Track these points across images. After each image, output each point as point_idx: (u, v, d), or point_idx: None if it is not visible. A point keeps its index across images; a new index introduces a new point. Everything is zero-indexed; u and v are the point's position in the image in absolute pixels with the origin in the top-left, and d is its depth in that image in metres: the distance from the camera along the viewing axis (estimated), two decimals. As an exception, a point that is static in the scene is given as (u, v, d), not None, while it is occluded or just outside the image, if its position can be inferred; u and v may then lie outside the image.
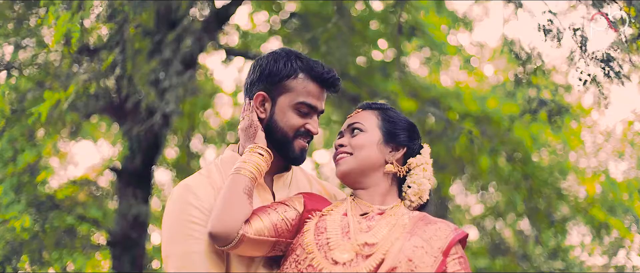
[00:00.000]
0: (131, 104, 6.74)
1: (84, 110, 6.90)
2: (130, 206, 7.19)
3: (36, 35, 6.68)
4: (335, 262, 2.69)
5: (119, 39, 5.47)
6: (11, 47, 6.68)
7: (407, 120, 3.06)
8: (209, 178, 2.93)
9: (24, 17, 6.61)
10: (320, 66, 2.96)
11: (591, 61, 4.52)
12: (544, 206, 8.17)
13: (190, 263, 2.76)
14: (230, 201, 2.72)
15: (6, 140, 6.11)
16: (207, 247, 2.77)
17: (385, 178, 2.95)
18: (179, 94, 6.06)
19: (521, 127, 8.05)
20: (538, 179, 8.03)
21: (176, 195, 2.89)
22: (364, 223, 2.81)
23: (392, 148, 2.96)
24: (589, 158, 10.40)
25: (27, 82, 6.76)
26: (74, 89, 5.28)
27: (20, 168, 6.17)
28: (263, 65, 2.97)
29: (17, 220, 5.70)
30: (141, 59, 5.73)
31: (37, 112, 5.37)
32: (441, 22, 9.38)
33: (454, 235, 2.78)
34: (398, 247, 2.70)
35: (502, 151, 8.08)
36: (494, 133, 7.84)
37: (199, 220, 2.79)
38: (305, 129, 2.95)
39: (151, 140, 7.42)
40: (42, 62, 6.86)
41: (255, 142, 2.90)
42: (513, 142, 8.17)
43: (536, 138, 8.31)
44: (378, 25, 9.30)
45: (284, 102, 2.93)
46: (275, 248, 2.80)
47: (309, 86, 2.93)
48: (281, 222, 2.79)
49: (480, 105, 8.38)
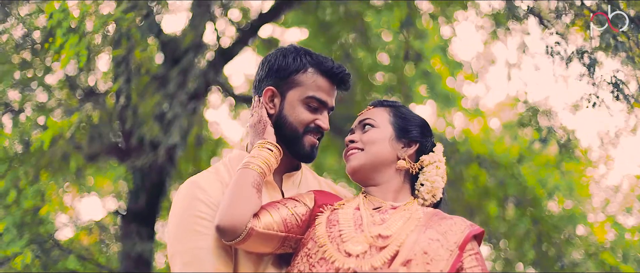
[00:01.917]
0: (136, 141, 6.69)
1: (87, 149, 6.84)
2: (134, 244, 7.08)
3: (42, 84, 6.72)
4: (349, 254, 2.60)
5: (124, 68, 5.46)
6: (17, 93, 6.70)
7: (419, 117, 3.00)
8: (217, 175, 2.86)
9: (31, 63, 6.63)
10: (330, 61, 2.91)
11: (600, 83, 4.49)
12: (553, 252, 8.03)
13: (196, 260, 2.67)
14: (238, 194, 2.64)
15: (9, 178, 6.04)
16: (215, 242, 2.68)
17: (397, 174, 2.87)
18: (183, 125, 6.02)
19: (529, 171, 8.00)
20: (548, 224, 7.91)
21: (183, 191, 2.81)
22: (378, 217, 2.73)
23: (404, 144, 2.89)
24: (596, 213, 10.31)
25: (31, 123, 6.74)
26: (77, 117, 5.24)
27: (24, 209, 6.11)
28: (272, 60, 2.93)
29: (20, 256, 5.60)
30: (145, 79, 5.69)
31: (39, 141, 5.31)
32: (447, 72, 9.44)
33: (470, 230, 2.70)
34: (413, 239, 2.62)
35: (510, 196, 7.99)
36: (503, 177, 7.77)
37: (206, 215, 2.71)
38: (315, 125, 2.89)
39: (155, 178, 7.35)
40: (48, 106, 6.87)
41: (264, 137, 2.83)
42: (522, 187, 8.09)
43: (544, 183, 8.23)
44: (384, 77, 9.34)
45: (293, 97, 2.88)
46: (285, 245, 2.71)
47: (318, 80, 2.88)
48: (291, 217, 2.71)
49: (488, 149, 8.33)
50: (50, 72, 6.73)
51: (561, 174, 8.66)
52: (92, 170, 8.40)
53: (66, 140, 6.01)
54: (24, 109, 6.76)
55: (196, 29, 6.97)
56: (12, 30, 6.40)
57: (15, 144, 6.49)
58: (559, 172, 8.59)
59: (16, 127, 6.57)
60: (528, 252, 8.29)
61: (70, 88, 6.99)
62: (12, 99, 6.78)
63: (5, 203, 6.10)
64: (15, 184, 6.15)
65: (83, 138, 6.60)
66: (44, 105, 6.82)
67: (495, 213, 8.14)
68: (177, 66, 6.44)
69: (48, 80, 6.87)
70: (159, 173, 7.30)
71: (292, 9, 8.10)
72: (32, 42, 6.52)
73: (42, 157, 6.24)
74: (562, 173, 8.64)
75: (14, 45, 6.48)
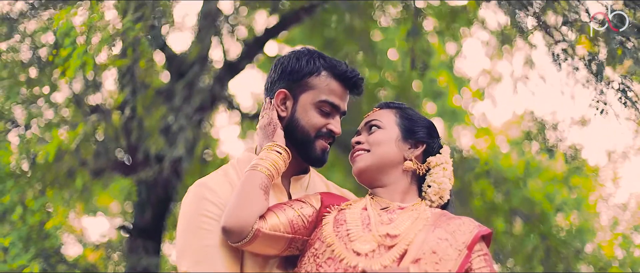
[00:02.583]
0: (141, 155, 6.67)
1: (92, 165, 6.83)
2: (140, 259, 7.05)
3: (49, 102, 6.72)
4: (357, 253, 2.56)
5: (129, 78, 5.46)
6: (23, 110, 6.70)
7: (426, 118, 2.98)
8: (226, 177, 2.83)
9: (38, 81, 6.64)
10: (344, 65, 2.88)
11: (607, 90, 4.47)
12: (562, 267, 7.98)
13: (205, 258, 2.63)
14: (245, 195, 2.62)
15: (15, 193, 6.03)
16: (224, 241, 2.65)
17: (404, 175, 2.84)
18: (188, 137, 6.01)
19: (536, 186, 7.99)
20: (556, 239, 7.87)
21: (191, 193, 2.79)
22: (385, 216, 2.70)
23: (411, 145, 2.86)
24: (605, 232, 10.26)
25: (37, 139, 6.74)
26: (82, 128, 5.23)
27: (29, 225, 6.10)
28: (285, 63, 2.90)
29: (26, 268, 5.58)
30: (150, 92, 5.69)
31: (45, 151, 5.30)
32: (455, 88, 9.45)
33: (478, 230, 2.67)
34: (422, 239, 2.59)
35: (518, 209, 7.95)
36: (510, 190, 7.74)
37: (214, 215, 2.68)
38: (327, 129, 2.85)
39: (161, 193, 7.33)
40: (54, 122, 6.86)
41: (273, 140, 2.80)
42: (529, 202, 8.06)
43: (552, 198, 8.20)
44: (391, 93, 9.34)
45: (306, 100, 2.84)
46: (291, 246, 2.68)
47: (331, 84, 2.85)
48: (297, 218, 2.68)
49: (495, 163, 8.30)
50: (56, 90, 6.74)
51: (569, 189, 8.63)
52: (98, 187, 8.38)
53: (71, 154, 6.01)
54: (30, 126, 6.77)
55: (202, 42, 6.97)
56: (18, 47, 6.41)
57: (21, 161, 6.49)
58: (566, 187, 8.56)
59: (22, 143, 6.57)
60: (536, 268, 8.24)
61: (77, 105, 6.99)
62: (18, 116, 6.79)
63: (10, 220, 6.09)
64: (22, 200, 6.15)
65: (89, 154, 6.60)
66: (50, 121, 6.82)
67: (502, 228, 8.11)
68: (182, 80, 6.44)
69: (55, 98, 6.88)
70: (165, 187, 7.29)
71: (299, 24, 8.10)
72: (39, 59, 6.54)
73: (48, 172, 6.23)
74: (569, 189, 8.62)
75: (20, 63, 6.50)
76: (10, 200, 6.05)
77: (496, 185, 7.77)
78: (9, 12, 6.34)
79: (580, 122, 8.07)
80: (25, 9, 6.33)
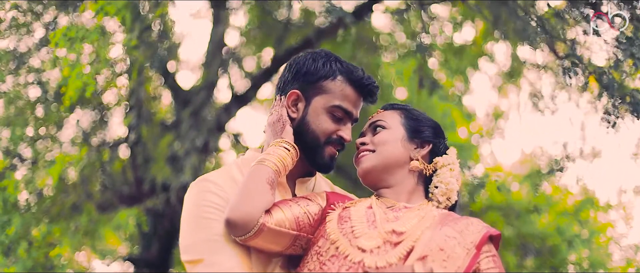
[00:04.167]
0: (147, 186, 6.63)
1: (99, 198, 6.78)
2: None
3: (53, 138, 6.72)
4: (362, 249, 2.50)
5: (134, 101, 5.45)
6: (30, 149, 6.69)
7: (431, 118, 2.94)
8: (229, 173, 2.78)
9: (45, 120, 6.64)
10: (361, 71, 2.83)
11: (619, 104, 4.42)
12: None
13: (216, 247, 2.56)
14: (250, 188, 2.56)
15: (19, 225, 5.98)
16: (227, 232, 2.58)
17: (410, 176, 2.79)
18: (194, 163, 5.96)
19: (547, 221, 7.92)
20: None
21: (194, 188, 2.73)
22: (391, 214, 2.64)
23: (417, 145, 2.82)
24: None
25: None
26: (86, 152, 5.20)
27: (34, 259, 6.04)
28: (300, 63, 2.85)
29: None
30: (157, 120, 5.68)
31: (48, 175, 5.27)
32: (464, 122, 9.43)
33: (487, 230, 2.61)
34: (428, 236, 2.52)
35: (529, 245, 7.87)
36: (520, 225, 7.67)
37: (218, 206, 2.62)
38: (337, 136, 2.80)
39: (168, 225, 7.27)
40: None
41: (281, 136, 2.75)
42: (540, 237, 7.97)
43: (563, 231, 8.10)
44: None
45: (318, 104, 2.79)
46: (295, 244, 2.62)
47: (346, 90, 2.80)
48: (303, 215, 2.62)
49: (506, 196, 8.23)
50: (62, 128, 6.74)
51: (580, 224, 8.54)
52: (104, 221, 8.33)
53: (77, 186, 5.97)
54: (38, 162, 6.74)
55: (209, 67, 6.97)
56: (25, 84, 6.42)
57: (28, 196, 6.46)
58: (577, 222, 8.48)
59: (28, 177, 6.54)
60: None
61: (84, 141, 6.98)
62: (25, 155, 6.77)
63: (15, 255, 6.04)
64: (27, 234, 6.11)
65: (95, 187, 6.57)
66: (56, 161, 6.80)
67: (513, 262, 8.01)
68: (188, 107, 6.42)
69: (62, 136, 6.87)
70: (172, 219, 7.22)
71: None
72: (46, 97, 6.55)
73: (53, 205, 6.19)
74: (580, 223, 8.53)
75: (28, 102, 6.51)
76: (15, 233, 6.01)
77: (506, 217, 7.68)
78: (16, 47, 6.38)
79: (591, 154, 8.03)
80: (31, 46, 6.37)
